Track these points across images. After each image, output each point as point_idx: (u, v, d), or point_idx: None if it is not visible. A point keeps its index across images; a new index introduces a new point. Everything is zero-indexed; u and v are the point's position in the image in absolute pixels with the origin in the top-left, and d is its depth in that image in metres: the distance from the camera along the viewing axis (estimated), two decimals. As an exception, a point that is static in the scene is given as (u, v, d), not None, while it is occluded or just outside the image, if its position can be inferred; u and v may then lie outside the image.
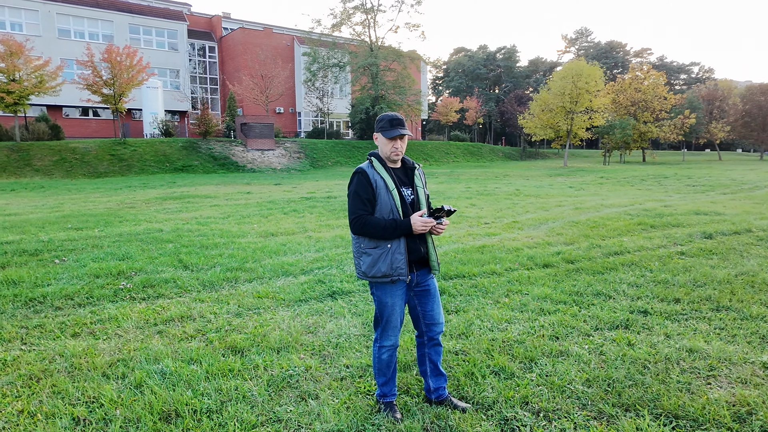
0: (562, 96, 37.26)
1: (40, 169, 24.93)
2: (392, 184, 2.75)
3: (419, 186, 2.89)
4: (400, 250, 2.72)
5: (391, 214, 2.72)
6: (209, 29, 48.49)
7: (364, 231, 2.71)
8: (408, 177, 2.89)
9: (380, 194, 2.72)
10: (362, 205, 2.71)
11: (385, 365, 2.90)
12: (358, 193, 2.71)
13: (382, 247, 2.72)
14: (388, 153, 2.79)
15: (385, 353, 2.88)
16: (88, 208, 12.44)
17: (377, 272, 2.73)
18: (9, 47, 25.03)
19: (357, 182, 2.74)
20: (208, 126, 32.73)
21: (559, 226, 9.38)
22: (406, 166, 2.91)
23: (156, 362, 3.59)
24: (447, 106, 54.15)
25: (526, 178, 24.58)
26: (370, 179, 2.72)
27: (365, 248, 2.76)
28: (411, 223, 2.69)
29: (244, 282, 5.76)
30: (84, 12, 38.13)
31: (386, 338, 2.87)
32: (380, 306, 2.83)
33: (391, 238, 2.71)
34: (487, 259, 6.65)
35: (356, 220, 2.70)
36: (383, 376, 2.93)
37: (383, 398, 2.97)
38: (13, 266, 6.34)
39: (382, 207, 2.72)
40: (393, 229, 2.68)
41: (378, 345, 2.90)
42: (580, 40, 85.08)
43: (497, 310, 4.65)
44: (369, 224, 2.69)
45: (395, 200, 2.73)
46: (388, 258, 2.71)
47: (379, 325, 2.88)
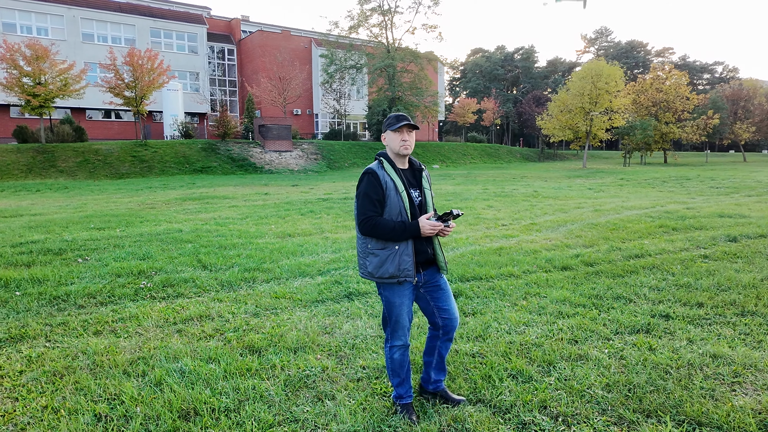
0: (582, 96, 36.80)
1: (64, 170, 25.52)
2: (401, 186, 2.75)
3: (426, 188, 2.90)
4: (408, 252, 2.73)
5: (399, 216, 2.72)
6: (228, 32, 49.11)
7: (374, 232, 2.69)
8: (416, 178, 2.90)
9: (390, 195, 2.71)
10: (372, 206, 2.69)
11: (398, 365, 2.89)
12: (368, 193, 2.70)
13: (389, 248, 2.72)
14: (398, 147, 2.77)
15: (396, 353, 2.88)
16: (110, 209, 12.69)
17: (384, 273, 2.73)
18: (35, 51, 25.70)
19: (367, 183, 2.72)
20: (227, 128, 33.14)
21: (578, 228, 9.26)
22: (414, 167, 2.92)
23: (175, 360, 3.64)
24: (464, 107, 53.93)
25: (544, 179, 24.32)
26: (381, 180, 2.71)
27: (372, 249, 2.75)
28: (420, 226, 2.68)
29: (262, 282, 5.80)
30: (107, 16, 38.98)
31: (396, 338, 2.87)
32: (388, 306, 2.84)
33: (400, 240, 2.70)
34: (505, 261, 6.60)
35: (366, 221, 2.69)
36: (397, 377, 2.92)
37: (400, 400, 2.95)
38: (38, 265, 6.50)
39: (392, 208, 2.71)
40: (402, 231, 2.68)
41: (389, 345, 2.91)
42: (599, 40, 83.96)
43: (515, 313, 4.60)
44: (379, 226, 2.67)
45: (404, 202, 2.73)
46: (395, 259, 2.71)
47: (388, 325, 2.89)
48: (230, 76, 48.25)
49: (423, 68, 40.92)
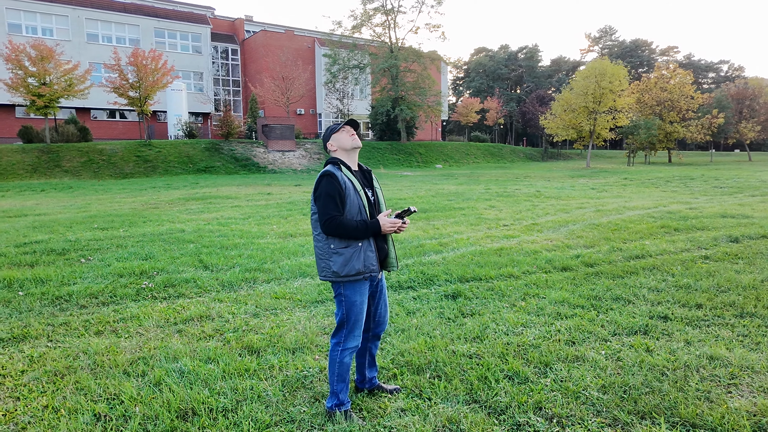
0: (585, 96, 36.69)
1: (69, 170, 25.67)
2: (359, 185, 2.87)
3: (377, 187, 3.06)
4: (371, 248, 2.85)
5: (359, 215, 2.83)
6: (232, 32, 49.23)
7: (338, 231, 2.76)
8: (367, 179, 3.02)
9: (349, 195, 2.81)
10: (335, 207, 2.76)
11: (346, 369, 2.90)
12: (330, 194, 2.76)
13: (353, 246, 2.80)
14: (349, 143, 2.90)
15: (347, 356, 2.89)
16: (114, 209, 12.77)
17: (351, 270, 2.79)
18: (40, 52, 25.84)
19: (327, 184, 2.78)
20: (230, 127, 33.24)
21: (579, 228, 9.25)
22: (363, 169, 3.04)
23: (175, 361, 3.68)
24: (467, 106, 53.88)
25: (547, 179, 24.28)
26: (340, 181, 2.80)
27: (336, 248, 2.80)
28: (381, 224, 2.80)
29: (262, 282, 5.84)
30: (112, 17, 39.13)
31: (352, 339, 2.90)
32: (349, 305, 2.86)
33: (363, 238, 2.81)
34: (505, 262, 6.61)
35: (330, 221, 2.75)
36: (343, 382, 2.90)
37: (341, 407, 2.91)
38: (42, 265, 6.56)
39: (351, 207, 2.80)
40: (365, 229, 2.78)
41: (341, 348, 2.89)
42: (604, 39, 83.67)
43: (513, 314, 4.61)
44: (343, 225, 2.75)
45: (363, 201, 2.85)
46: (360, 256, 2.80)
47: (345, 326, 2.89)
48: (234, 75, 48.36)
49: (426, 68, 40.90)
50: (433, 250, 7.46)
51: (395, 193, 16.20)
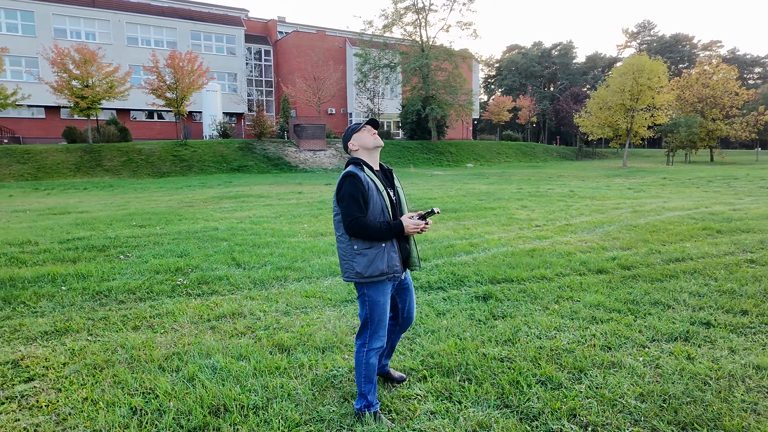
0: (622, 93, 35.63)
1: (109, 169, 26.62)
2: (381, 186, 2.85)
3: (399, 187, 3.03)
4: (394, 249, 2.84)
5: (382, 215, 2.80)
6: (265, 33, 50.02)
7: (362, 233, 2.74)
8: (388, 179, 3.00)
9: (372, 196, 2.78)
10: (358, 208, 2.74)
11: (372, 369, 2.89)
12: (354, 195, 2.74)
13: (377, 246, 2.79)
14: (371, 141, 2.89)
15: (373, 357, 2.89)
16: (151, 207, 13.15)
17: (374, 271, 2.78)
18: (83, 55, 26.89)
19: (350, 185, 2.75)
20: (263, 127, 33.79)
21: (615, 229, 8.98)
22: (384, 169, 3.02)
23: (208, 357, 3.75)
24: (499, 105, 53.16)
25: (581, 179, 23.71)
26: (363, 181, 2.77)
27: (360, 249, 2.79)
28: (403, 225, 2.78)
29: (293, 281, 5.90)
30: (150, 20, 40.36)
31: (377, 339, 2.89)
32: (372, 306, 2.86)
33: (386, 239, 2.80)
34: (537, 264, 6.48)
35: (354, 223, 2.72)
36: (370, 383, 2.90)
37: (370, 408, 2.89)
38: (83, 261, 6.81)
39: (375, 208, 2.78)
40: (388, 230, 2.77)
41: (366, 349, 2.89)
42: (642, 34, 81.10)
43: (546, 317, 4.51)
44: (366, 226, 2.73)
45: (386, 201, 2.83)
46: (384, 256, 2.79)
47: (369, 327, 2.89)
48: (267, 76, 49.14)
49: (457, 66, 40.53)
50: (464, 250, 7.38)
51: (425, 193, 16.13)
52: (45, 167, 25.45)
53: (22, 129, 36.21)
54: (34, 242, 8.06)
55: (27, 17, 36.31)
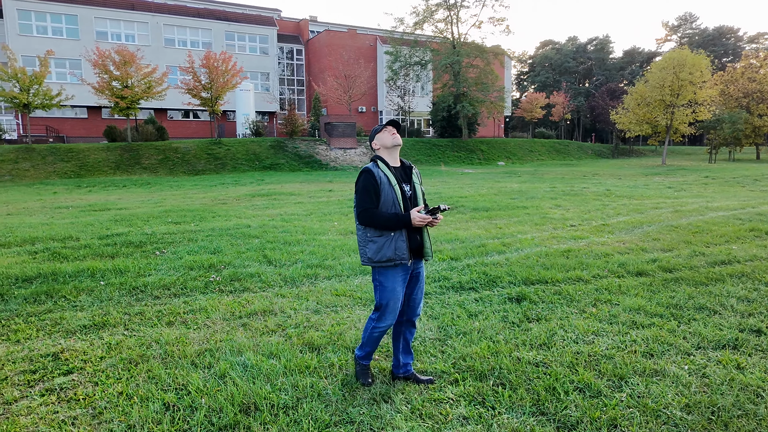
0: (662, 88, 34.38)
1: (147, 167, 27.43)
2: (394, 180, 3.11)
3: (416, 183, 3.26)
4: (402, 238, 3.08)
5: (393, 207, 3.07)
6: (297, 33, 50.54)
7: (371, 222, 3.05)
8: (407, 175, 3.25)
9: (384, 189, 3.07)
10: (369, 199, 3.05)
11: (375, 341, 3.28)
12: (366, 188, 3.06)
13: (386, 235, 3.07)
14: (390, 141, 3.17)
15: (377, 332, 3.23)
16: (186, 204, 13.45)
17: (382, 257, 3.06)
18: (123, 57, 27.77)
19: (364, 179, 3.08)
20: (294, 126, 34.15)
21: (655, 230, 8.65)
22: (405, 165, 3.28)
23: (239, 354, 3.76)
24: (532, 101, 52.17)
25: (618, 177, 23.00)
26: (376, 176, 3.08)
27: (371, 237, 3.09)
28: (411, 217, 3.02)
29: (323, 279, 5.89)
30: (187, 22, 41.36)
31: (383, 320, 3.18)
32: (382, 290, 3.15)
33: (395, 229, 3.06)
34: (573, 265, 6.28)
35: (364, 213, 3.05)
36: (369, 347, 3.31)
37: (361, 360, 3.36)
38: (121, 257, 6.99)
39: (386, 200, 3.07)
40: (396, 221, 3.03)
41: (373, 324, 3.23)
42: (683, 27, 78.10)
43: (583, 321, 4.35)
44: (375, 216, 3.04)
45: (397, 195, 3.09)
46: (392, 244, 3.06)
47: (380, 309, 3.19)
48: (298, 75, 49.66)
49: (489, 63, 39.94)
50: (496, 250, 7.23)
51: (456, 191, 15.95)
52: (87, 165, 26.42)
53: (66, 128, 37.72)
54: (76, 238, 8.34)
55: (71, 21, 37.75)
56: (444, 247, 7.50)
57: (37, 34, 36.54)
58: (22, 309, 4.82)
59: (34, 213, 12.36)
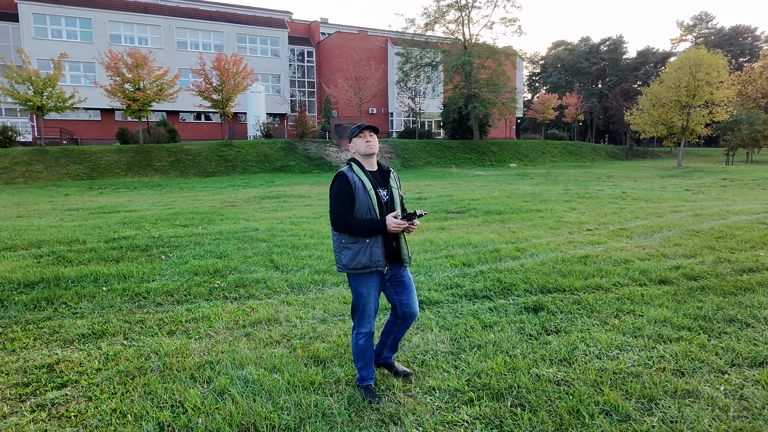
0: (678, 89, 33.73)
1: (158, 168, 27.50)
2: (369, 185, 3.02)
3: (394, 188, 3.16)
4: (378, 245, 3.00)
5: (368, 213, 2.99)
6: (308, 35, 50.56)
7: (345, 228, 2.97)
8: (384, 179, 3.16)
9: (358, 194, 2.98)
10: (342, 205, 2.97)
11: (363, 350, 3.16)
12: (340, 193, 2.98)
13: (361, 242, 2.98)
14: (364, 148, 3.07)
15: (362, 339, 3.15)
16: (195, 206, 13.35)
17: (357, 264, 2.99)
18: (135, 59, 27.90)
19: (338, 184, 3.00)
20: (305, 128, 34.09)
21: (675, 235, 8.32)
22: (382, 169, 3.19)
23: (240, 368, 3.57)
24: (544, 103, 51.59)
25: (633, 179, 22.55)
26: (350, 181, 2.99)
27: (346, 243, 3.01)
28: (386, 223, 2.94)
29: (331, 285, 5.69)
30: (199, 24, 41.57)
31: (362, 325, 3.14)
32: (357, 296, 3.10)
33: (369, 235, 2.98)
34: (591, 272, 6.01)
35: (337, 219, 2.97)
36: (361, 360, 3.19)
37: (362, 382, 3.21)
38: (126, 261, 6.86)
39: (360, 206, 2.97)
40: (370, 227, 2.95)
41: (356, 332, 3.16)
42: (698, 27, 76.89)
43: (605, 334, 4.09)
44: (348, 223, 2.96)
45: (372, 200, 3.00)
46: (367, 251, 2.98)
47: (356, 314, 3.14)
48: (309, 77, 49.66)
49: (501, 64, 39.56)
50: (510, 255, 6.98)
51: (468, 194, 15.68)
52: (99, 167, 26.56)
53: (80, 131, 38.05)
54: (82, 241, 8.24)
55: (85, 24, 38.11)
56: (456, 252, 7.26)
57: (52, 37, 36.93)
58: (21, 316, 4.68)
59: (44, 215, 12.33)
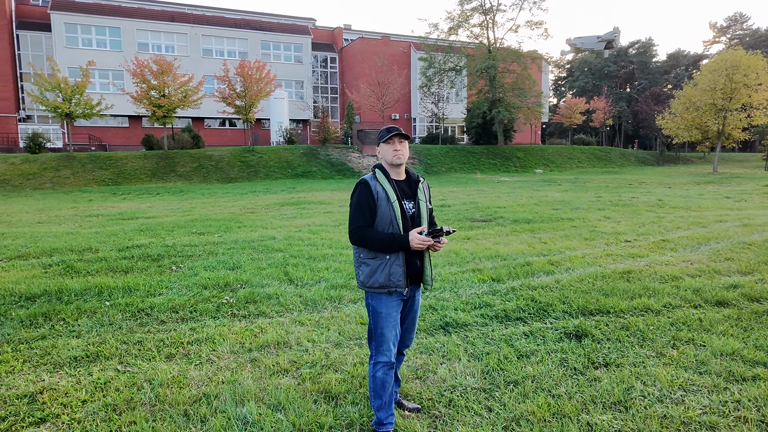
0: (713, 92, 32.43)
1: (182, 174, 27.62)
2: (393, 196, 2.73)
3: (422, 200, 2.85)
4: (399, 262, 2.71)
5: (390, 226, 2.71)
6: (331, 41, 50.63)
7: (363, 242, 2.70)
8: (411, 189, 2.86)
9: (381, 205, 2.71)
10: (362, 217, 2.69)
11: (380, 385, 2.76)
12: (360, 204, 2.71)
13: (380, 258, 2.71)
14: (391, 157, 2.77)
15: (380, 370, 2.76)
16: (214, 213, 13.11)
17: (374, 283, 2.72)
18: (161, 66, 28.17)
19: (359, 193, 2.73)
20: (327, 133, 33.91)
21: (725, 247, 7.61)
22: (411, 178, 2.88)
23: (241, 404, 3.13)
24: (571, 107, 50.43)
25: (667, 186, 21.53)
26: (372, 190, 2.71)
27: (364, 258, 2.75)
28: (409, 239, 2.66)
29: (348, 302, 5.24)
30: (224, 32, 42.01)
31: (381, 353, 2.76)
32: (374, 317, 2.78)
33: (389, 251, 2.69)
34: (637, 290, 5.40)
35: (355, 231, 2.70)
36: (379, 399, 2.79)
37: (380, 427, 2.80)
38: (135, 272, 6.54)
39: (382, 218, 2.70)
40: (390, 243, 2.67)
41: (373, 362, 2.80)
42: (733, 28, 74.33)
43: (664, 369, 3.51)
44: (367, 236, 2.68)
45: (395, 212, 2.71)
46: (386, 269, 2.70)
47: (373, 338, 2.80)
48: (332, 83, 49.65)
49: (526, 68, 38.71)
50: (543, 270, 6.41)
51: (493, 201, 15.07)
52: (124, 173, 26.81)
53: (108, 137, 38.74)
54: (95, 249, 7.99)
55: (114, 33, 38.88)
56: (484, 265, 6.73)
57: (82, 46, 37.76)
58: (15, 334, 4.36)
59: (65, 221, 12.25)
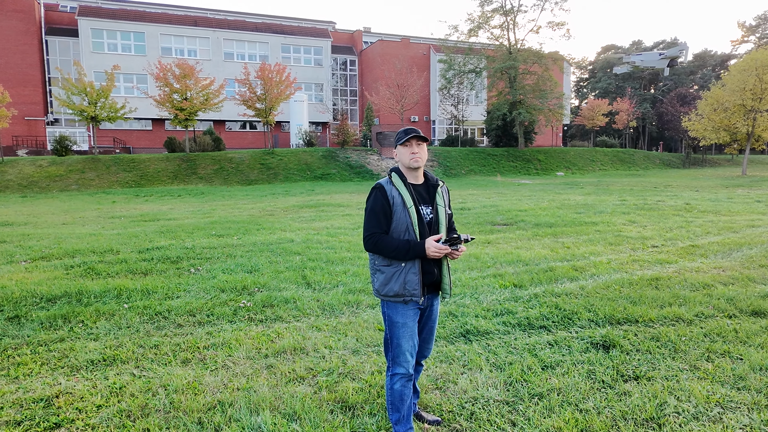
0: (743, 92, 31.48)
1: (203, 176, 27.96)
2: (410, 201, 2.63)
3: (440, 205, 2.74)
4: (414, 270, 2.60)
5: (406, 233, 2.61)
6: (351, 44, 50.79)
7: (377, 249, 2.60)
8: (429, 194, 2.75)
9: (396, 211, 2.61)
10: (377, 223, 2.60)
11: (398, 398, 2.66)
12: (374, 209, 2.62)
13: (395, 265, 2.61)
14: (408, 161, 2.66)
15: (397, 382, 2.66)
16: (234, 215, 13.17)
17: (389, 291, 2.63)
18: (183, 70, 28.60)
19: (374, 198, 2.64)
20: (346, 135, 33.98)
21: (759, 254, 7.30)
22: (429, 182, 2.78)
23: (256, 413, 3.05)
24: (593, 109, 49.59)
25: (694, 189, 20.94)
26: (388, 195, 2.62)
27: (379, 265, 2.66)
28: (425, 247, 2.54)
29: (366, 308, 5.14)
30: (246, 36, 42.52)
31: (398, 365, 2.66)
32: (390, 326, 2.69)
33: (404, 259, 2.59)
34: (666, 298, 5.18)
35: (369, 238, 2.60)
36: (397, 412, 2.68)
37: None
38: (154, 274, 6.56)
39: (398, 224, 2.61)
40: (406, 250, 2.56)
41: (390, 373, 2.71)
42: (762, 27, 72.23)
43: (699, 384, 3.32)
44: (381, 243, 2.59)
45: (412, 218, 2.60)
46: (401, 277, 2.60)
47: (390, 349, 2.71)
48: (351, 85, 49.79)
49: (548, 69, 38.20)
50: (567, 276, 6.22)
51: (514, 204, 14.83)
52: (147, 175, 27.25)
53: (132, 140, 39.51)
54: (116, 251, 8.06)
55: (139, 38, 39.67)
56: (505, 270, 6.56)
57: (108, 51, 38.60)
58: (34, 336, 4.37)
59: (88, 222, 12.44)
